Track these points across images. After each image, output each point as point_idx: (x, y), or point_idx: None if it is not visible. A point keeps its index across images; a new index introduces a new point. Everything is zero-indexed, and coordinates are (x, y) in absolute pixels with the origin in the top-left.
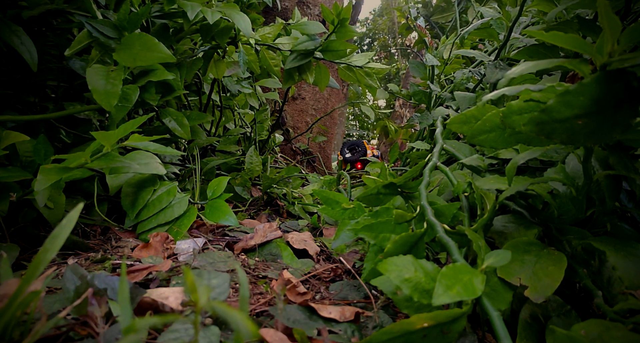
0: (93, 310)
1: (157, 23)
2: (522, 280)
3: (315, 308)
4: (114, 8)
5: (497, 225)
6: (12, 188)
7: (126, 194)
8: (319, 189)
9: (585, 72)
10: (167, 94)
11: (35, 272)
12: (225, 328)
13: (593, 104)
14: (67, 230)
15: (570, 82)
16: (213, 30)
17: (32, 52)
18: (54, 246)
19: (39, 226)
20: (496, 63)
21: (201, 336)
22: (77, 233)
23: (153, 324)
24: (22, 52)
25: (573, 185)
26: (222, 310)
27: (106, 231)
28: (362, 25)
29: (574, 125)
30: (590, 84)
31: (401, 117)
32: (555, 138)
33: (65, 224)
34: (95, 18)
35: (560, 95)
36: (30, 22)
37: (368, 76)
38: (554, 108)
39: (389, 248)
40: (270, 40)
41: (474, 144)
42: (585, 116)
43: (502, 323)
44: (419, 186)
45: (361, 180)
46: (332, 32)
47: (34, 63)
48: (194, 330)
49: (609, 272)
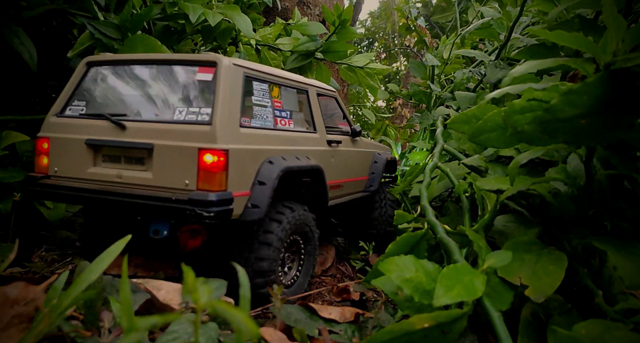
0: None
1: (160, 25)
2: (523, 279)
3: (315, 308)
4: (114, 10)
5: (497, 224)
6: (12, 188)
7: None
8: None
9: (588, 71)
10: None
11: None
12: (225, 327)
13: (596, 103)
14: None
15: (571, 82)
16: (214, 31)
17: (32, 53)
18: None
19: (39, 226)
20: (497, 63)
21: (200, 333)
22: (77, 232)
23: (154, 323)
24: (21, 52)
25: (574, 185)
26: (223, 310)
27: None
28: (362, 25)
29: (577, 124)
30: (593, 84)
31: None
32: (559, 138)
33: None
34: (97, 19)
35: (564, 94)
36: (30, 22)
37: (369, 77)
38: (558, 107)
39: (390, 248)
40: (271, 40)
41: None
42: (589, 116)
43: (503, 324)
44: (419, 187)
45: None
46: (333, 33)
47: (33, 63)
48: (195, 328)
49: (610, 272)
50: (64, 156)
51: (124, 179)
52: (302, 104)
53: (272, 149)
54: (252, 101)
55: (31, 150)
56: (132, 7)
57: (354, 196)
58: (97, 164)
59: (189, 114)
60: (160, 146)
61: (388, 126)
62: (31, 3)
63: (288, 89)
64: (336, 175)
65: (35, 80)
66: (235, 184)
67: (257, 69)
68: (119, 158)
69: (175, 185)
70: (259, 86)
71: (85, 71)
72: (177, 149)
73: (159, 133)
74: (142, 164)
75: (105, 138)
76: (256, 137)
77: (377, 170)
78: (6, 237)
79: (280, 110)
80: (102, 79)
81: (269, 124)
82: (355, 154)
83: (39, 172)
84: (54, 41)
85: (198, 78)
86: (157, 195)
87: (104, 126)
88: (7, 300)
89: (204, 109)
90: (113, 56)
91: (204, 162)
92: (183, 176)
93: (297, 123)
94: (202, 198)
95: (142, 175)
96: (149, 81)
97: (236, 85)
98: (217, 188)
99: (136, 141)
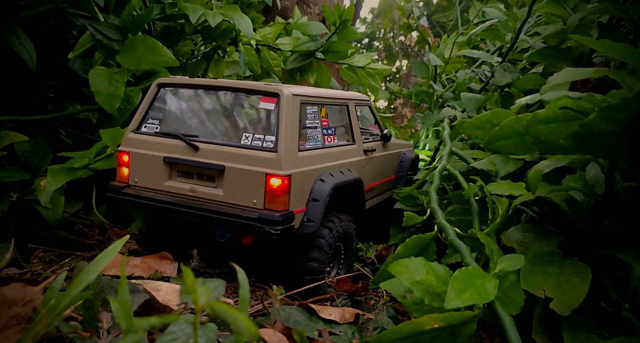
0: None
1: (160, 26)
2: (547, 292)
3: (315, 309)
4: (113, 10)
5: (517, 233)
6: (11, 188)
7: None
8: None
9: (629, 84)
10: None
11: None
12: (225, 328)
13: (633, 120)
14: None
15: (581, 87)
16: (214, 31)
17: (31, 53)
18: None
19: (38, 226)
20: (505, 66)
21: (199, 334)
22: (76, 233)
23: (152, 324)
24: (20, 52)
25: (592, 194)
26: (222, 311)
27: (105, 231)
28: (362, 22)
29: (612, 140)
30: (633, 100)
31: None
32: (593, 153)
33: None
34: (97, 20)
35: (602, 110)
36: (29, 22)
37: (370, 77)
38: (594, 123)
39: (400, 250)
40: (271, 40)
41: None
42: (625, 132)
43: (514, 328)
44: (429, 189)
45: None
46: (334, 33)
47: (32, 63)
48: (194, 329)
49: (635, 283)
50: (143, 169)
51: (198, 194)
52: (343, 118)
53: (322, 167)
54: (306, 125)
55: (29, 151)
56: (132, 8)
57: (384, 196)
58: (172, 178)
59: (255, 141)
60: (230, 168)
61: (388, 126)
62: (30, 3)
63: (333, 107)
64: (370, 180)
65: (34, 80)
66: (295, 203)
67: (310, 94)
68: (192, 174)
69: (244, 203)
70: (311, 110)
71: (157, 91)
72: (247, 172)
73: (229, 155)
74: (213, 181)
75: (181, 156)
76: (310, 158)
77: (403, 170)
78: (4, 238)
79: (327, 128)
80: (171, 100)
81: (318, 144)
82: (385, 157)
83: (120, 181)
84: (53, 41)
85: (261, 106)
86: (229, 212)
87: (179, 145)
88: (5, 300)
89: (268, 136)
90: (182, 79)
91: (270, 185)
92: (251, 195)
93: (340, 137)
94: (270, 217)
95: (213, 191)
96: (215, 105)
97: (295, 113)
98: (281, 207)
99: (209, 162)
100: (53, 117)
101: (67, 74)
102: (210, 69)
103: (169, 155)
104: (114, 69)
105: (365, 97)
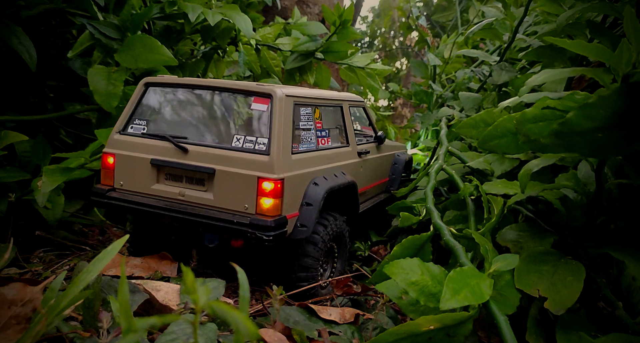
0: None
1: (159, 25)
2: (541, 291)
3: (315, 309)
4: (113, 10)
5: (511, 233)
6: (10, 188)
7: None
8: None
9: (606, 82)
10: None
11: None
12: (224, 328)
13: (614, 116)
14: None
15: (577, 85)
16: (214, 31)
17: (31, 52)
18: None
19: (38, 226)
20: (502, 65)
21: (199, 334)
22: (75, 232)
23: (152, 324)
24: (20, 52)
25: (584, 192)
26: (222, 311)
27: (104, 231)
28: (364, 20)
29: (594, 137)
30: (611, 97)
31: (402, 116)
32: (576, 151)
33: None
34: (96, 19)
35: (580, 108)
36: (29, 21)
37: (370, 77)
38: (574, 121)
39: (395, 251)
40: (270, 40)
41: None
42: (606, 129)
43: (510, 328)
44: (425, 189)
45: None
46: (334, 33)
47: (32, 63)
48: (194, 328)
49: (628, 281)
50: (129, 171)
51: (187, 198)
52: (337, 120)
53: (316, 170)
54: (299, 126)
55: (29, 151)
56: (131, 8)
57: (378, 199)
58: (160, 181)
59: (247, 143)
60: (221, 171)
61: (388, 126)
62: (30, 2)
63: (327, 108)
64: (363, 183)
65: (34, 80)
66: (288, 207)
67: (303, 95)
68: (181, 177)
69: (235, 207)
70: (304, 111)
71: (144, 90)
72: (238, 176)
73: (219, 158)
74: (202, 185)
75: (170, 159)
76: (304, 161)
77: (396, 172)
78: (4, 238)
79: (321, 130)
80: (159, 100)
81: (312, 146)
82: (379, 160)
83: (105, 184)
84: (52, 41)
85: (253, 107)
86: (219, 217)
87: (167, 147)
88: (5, 300)
89: (260, 138)
90: (171, 78)
91: (262, 189)
92: (242, 200)
93: (334, 139)
94: (262, 223)
95: (203, 195)
96: (205, 106)
97: (288, 115)
98: (274, 212)
99: (199, 165)
100: (53, 117)
101: (67, 74)
102: (210, 69)
103: (157, 157)
104: (113, 68)
105: (360, 98)
